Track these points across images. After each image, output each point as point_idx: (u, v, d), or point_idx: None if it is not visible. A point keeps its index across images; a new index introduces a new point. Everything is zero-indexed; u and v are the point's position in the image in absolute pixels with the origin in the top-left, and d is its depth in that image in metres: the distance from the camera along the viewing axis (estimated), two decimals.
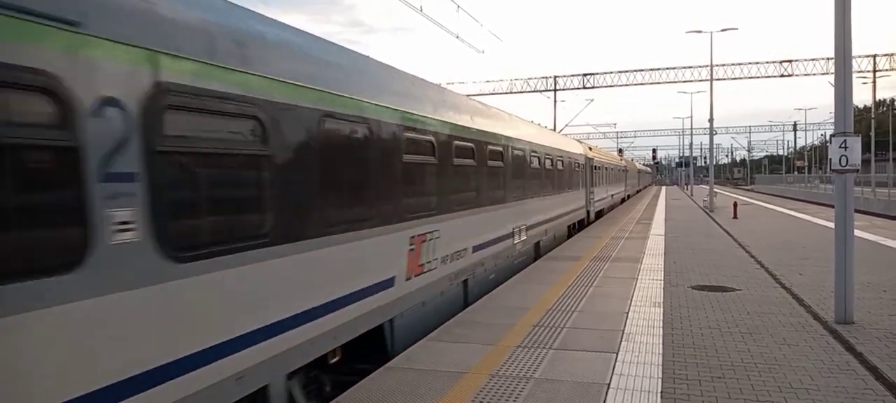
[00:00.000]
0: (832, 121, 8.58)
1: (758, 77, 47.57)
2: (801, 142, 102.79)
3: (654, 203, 41.23)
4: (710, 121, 37.23)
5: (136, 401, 3.74)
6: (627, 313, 8.73)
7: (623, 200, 43.59)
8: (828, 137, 11.62)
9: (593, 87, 51.25)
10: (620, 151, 72.39)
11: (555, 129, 37.61)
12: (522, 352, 6.90)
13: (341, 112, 6.09)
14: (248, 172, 4.89)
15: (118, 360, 3.67)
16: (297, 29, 6.15)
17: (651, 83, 50.22)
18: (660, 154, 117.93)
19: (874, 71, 46.91)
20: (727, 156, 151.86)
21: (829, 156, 8.36)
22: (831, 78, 9.14)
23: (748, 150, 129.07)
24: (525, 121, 15.98)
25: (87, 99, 3.52)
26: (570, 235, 19.93)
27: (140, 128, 3.83)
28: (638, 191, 62.90)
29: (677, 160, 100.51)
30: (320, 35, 7.12)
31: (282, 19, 5.95)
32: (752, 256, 14.39)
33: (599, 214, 28.20)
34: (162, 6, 4.19)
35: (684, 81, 49.23)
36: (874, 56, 46.75)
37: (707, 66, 36.73)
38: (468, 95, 17.60)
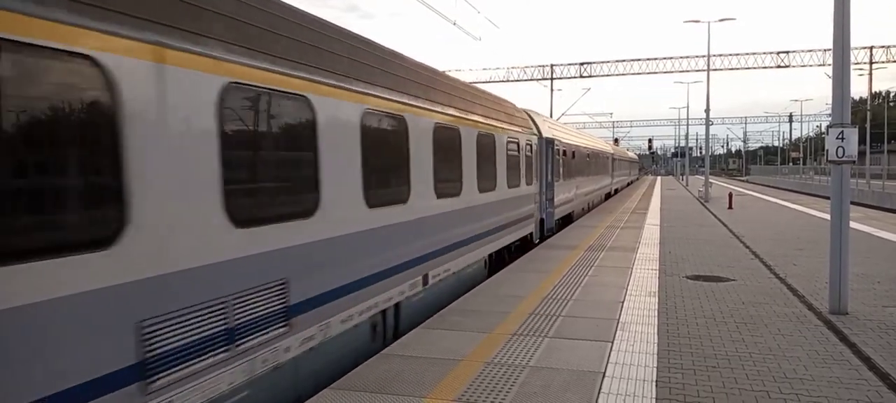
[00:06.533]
0: (827, 112, 8.61)
1: (754, 68, 47.56)
2: (796, 134, 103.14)
3: (650, 193, 41.28)
4: (707, 111, 37.22)
5: None
6: (623, 302, 8.75)
7: (629, 183, 57.70)
8: (823, 128, 11.59)
9: (590, 76, 51.08)
10: (616, 141, 72.33)
11: (551, 117, 37.97)
12: (518, 340, 6.91)
13: (588, 154, 26.41)
14: None
15: None
16: None
17: (648, 73, 50.11)
18: (656, 143, 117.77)
19: (871, 63, 46.89)
20: (723, 146, 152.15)
21: (826, 147, 8.35)
22: (828, 69, 9.09)
23: (744, 141, 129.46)
24: (601, 140, 38.20)
25: None
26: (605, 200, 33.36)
27: None
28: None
29: (673, 150, 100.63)
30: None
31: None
32: (747, 246, 14.44)
33: (617, 191, 41.65)
34: None
35: (681, 71, 49.14)
36: (871, 48, 46.74)
37: (704, 56, 36.71)
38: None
